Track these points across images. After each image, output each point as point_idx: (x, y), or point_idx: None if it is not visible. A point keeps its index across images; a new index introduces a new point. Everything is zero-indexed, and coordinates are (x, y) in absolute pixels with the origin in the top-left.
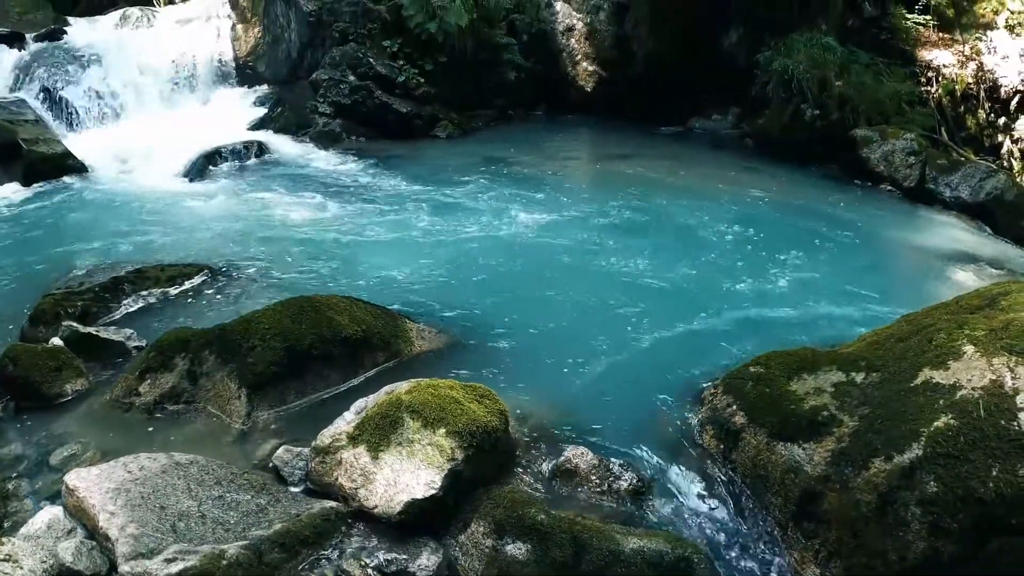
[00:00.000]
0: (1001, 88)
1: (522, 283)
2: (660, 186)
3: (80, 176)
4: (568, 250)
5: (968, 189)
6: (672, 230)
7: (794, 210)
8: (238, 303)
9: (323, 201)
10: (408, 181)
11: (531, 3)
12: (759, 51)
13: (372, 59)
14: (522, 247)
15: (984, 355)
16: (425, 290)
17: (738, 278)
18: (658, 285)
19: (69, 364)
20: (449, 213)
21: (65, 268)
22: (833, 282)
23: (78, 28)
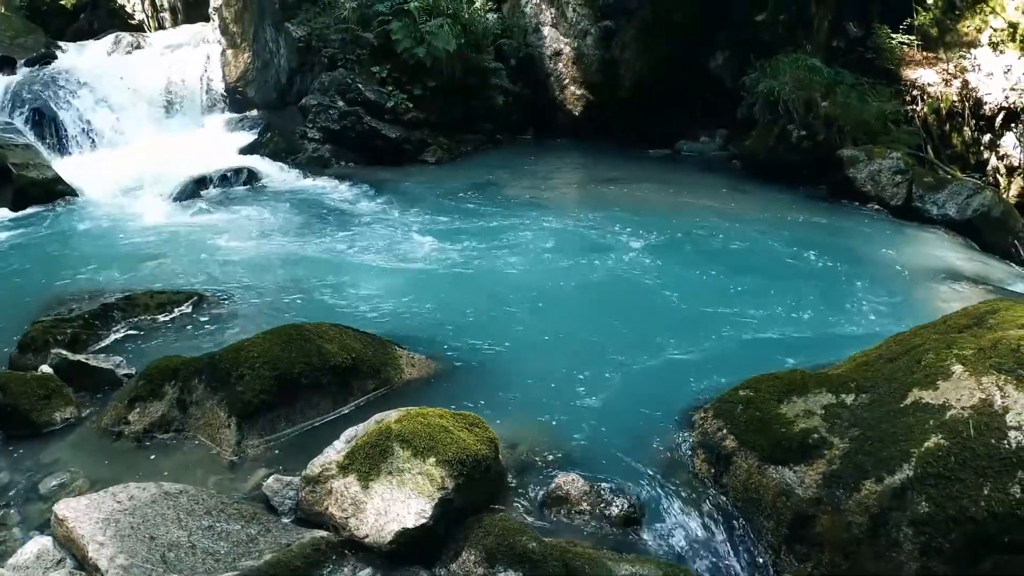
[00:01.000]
0: (986, 105)
1: (511, 309)
2: (648, 211)
3: (70, 201)
4: (557, 275)
5: (955, 206)
6: (660, 254)
7: (782, 232)
8: (228, 330)
9: (312, 227)
10: (397, 207)
11: (519, 28)
12: (745, 73)
13: (361, 84)
14: (511, 273)
15: (973, 374)
16: (414, 316)
17: (727, 301)
18: (647, 309)
19: (58, 392)
20: (438, 239)
21: (54, 294)
22: (822, 302)
23: (69, 53)
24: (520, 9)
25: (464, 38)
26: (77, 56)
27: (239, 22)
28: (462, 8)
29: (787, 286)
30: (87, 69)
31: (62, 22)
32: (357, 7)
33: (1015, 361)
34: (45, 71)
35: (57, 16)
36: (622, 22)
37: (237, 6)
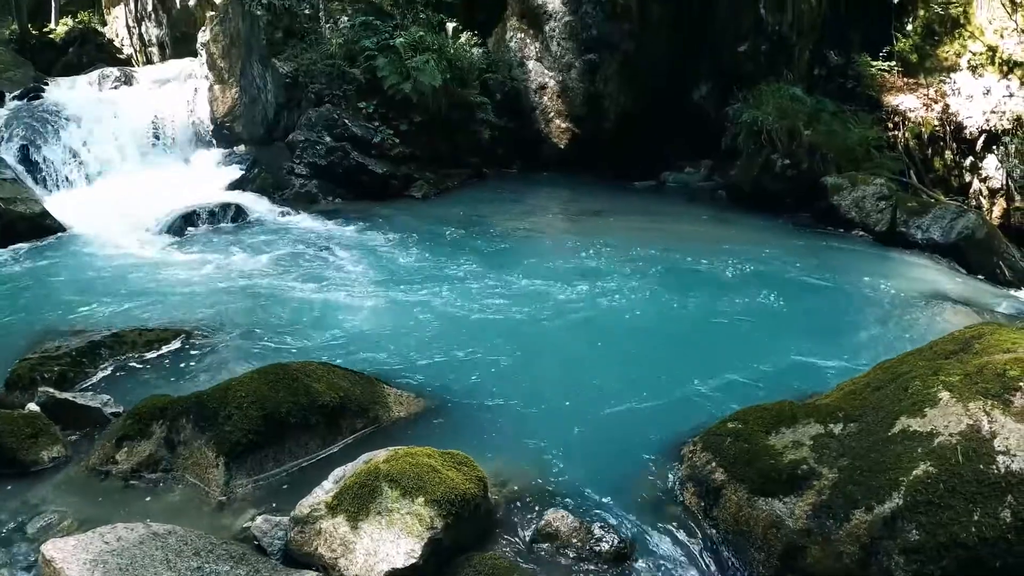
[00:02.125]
0: (966, 129)
1: (498, 346)
2: (635, 243)
3: (58, 236)
4: (544, 311)
5: (939, 230)
6: (646, 288)
7: (768, 261)
8: (215, 368)
9: (300, 263)
10: (384, 243)
11: (504, 62)
12: (728, 104)
13: (348, 120)
14: (498, 309)
15: (960, 400)
16: (402, 353)
17: (714, 332)
18: (634, 343)
19: (46, 431)
20: (424, 275)
21: (42, 331)
22: (809, 331)
23: (57, 87)
24: (505, 44)
25: (450, 73)
26: (66, 90)
27: (226, 57)
28: (447, 43)
29: (774, 315)
30: (75, 103)
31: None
32: (343, 43)
33: (1001, 386)
34: (33, 106)
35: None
36: (606, 56)
37: (224, 42)
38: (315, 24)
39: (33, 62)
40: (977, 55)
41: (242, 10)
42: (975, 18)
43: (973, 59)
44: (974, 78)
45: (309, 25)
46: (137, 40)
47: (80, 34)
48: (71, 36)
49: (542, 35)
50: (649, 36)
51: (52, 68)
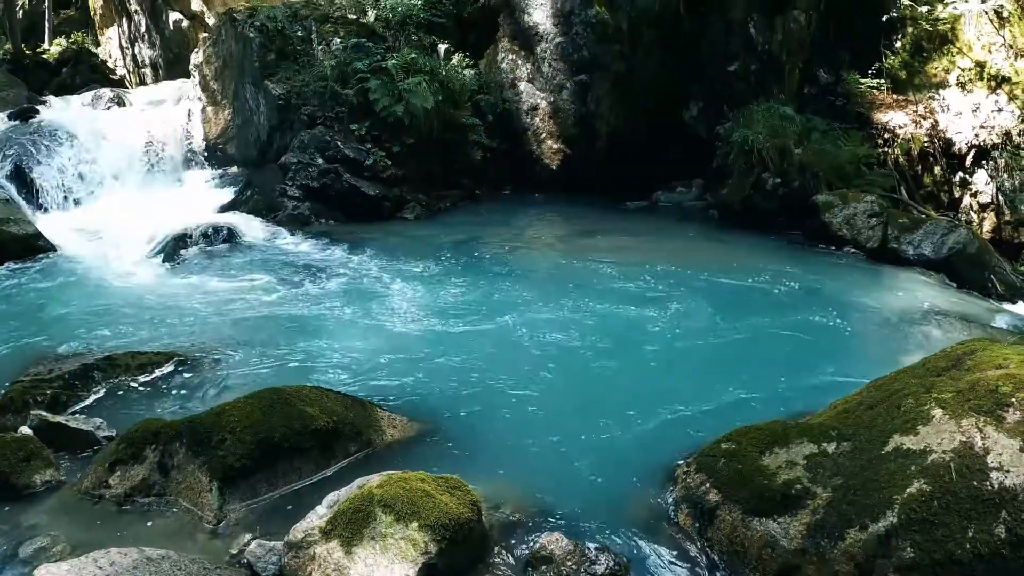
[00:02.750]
0: (956, 144)
1: (491, 368)
2: (627, 264)
3: (50, 257)
4: (537, 332)
5: (931, 246)
6: (639, 308)
7: (760, 280)
8: (209, 391)
9: (293, 286)
10: (377, 265)
11: (495, 83)
12: (719, 123)
13: (340, 142)
14: (491, 331)
15: (953, 417)
16: (395, 377)
17: (707, 352)
18: (627, 364)
19: (38, 454)
20: (417, 298)
21: (34, 353)
22: (802, 349)
23: (51, 107)
24: (496, 65)
25: (441, 95)
26: (59, 111)
27: (219, 79)
28: (439, 65)
29: (767, 334)
30: (69, 124)
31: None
32: (336, 65)
33: (994, 402)
34: (27, 125)
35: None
36: (597, 77)
37: (217, 63)
38: (308, 46)
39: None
40: (966, 71)
41: (235, 32)
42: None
43: (962, 75)
44: (963, 94)
45: (302, 47)
46: (130, 61)
47: (74, 55)
48: (65, 56)
49: (534, 56)
50: (640, 57)
51: (46, 88)
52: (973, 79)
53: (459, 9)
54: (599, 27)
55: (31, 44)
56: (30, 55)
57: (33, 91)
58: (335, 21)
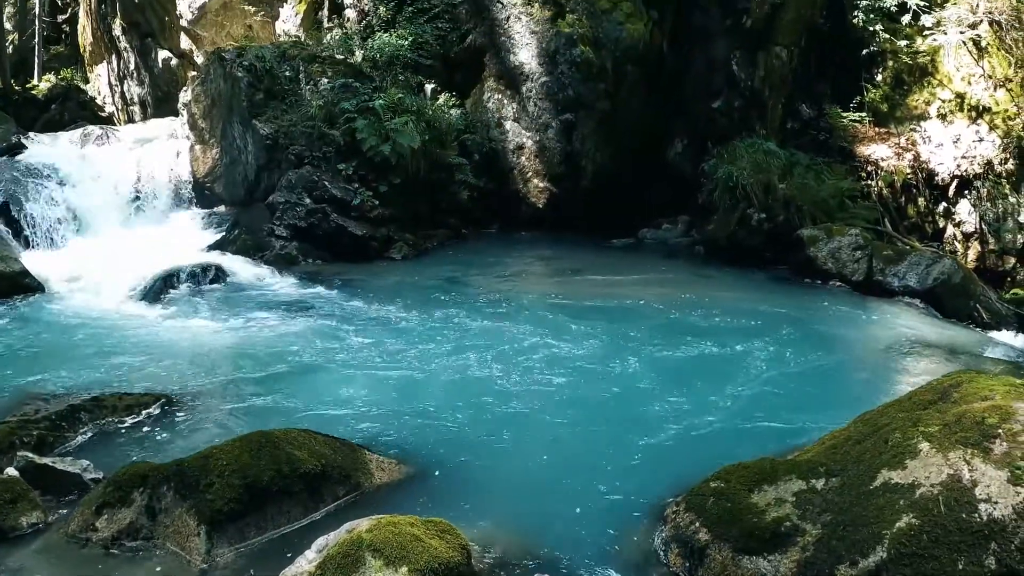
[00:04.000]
0: (938, 175)
1: (480, 410)
2: (614, 301)
3: (36, 295)
4: (525, 374)
5: (915, 277)
6: (626, 347)
7: (747, 316)
8: (196, 434)
9: (280, 326)
10: (364, 305)
11: (482, 123)
12: (703, 160)
13: (327, 182)
14: (479, 372)
15: (940, 451)
16: (384, 418)
17: (695, 390)
18: (615, 404)
19: (24, 496)
20: (405, 338)
21: (20, 394)
22: (790, 384)
23: (39, 144)
24: (483, 104)
25: (428, 135)
26: (47, 147)
27: (207, 118)
28: (426, 105)
29: (754, 370)
30: (57, 161)
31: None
32: (323, 105)
33: (980, 434)
34: (14, 162)
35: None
36: (582, 115)
37: (205, 102)
38: (295, 86)
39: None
40: (946, 102)
41: (223, 71)
42: (943, 66)
43: (942, 106)
44: (944, 125)
45: (290, 87)
46: (119, 98)
47: (63, 91)
48: (54, 93)
49: (519, 96)
50: (625, 95)
51: (34, 124)
52: (954, 110)
53: (445, 49)
54: (584, 66)
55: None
56: (19, 91)
57: (21, 127)
58: (323, 61)
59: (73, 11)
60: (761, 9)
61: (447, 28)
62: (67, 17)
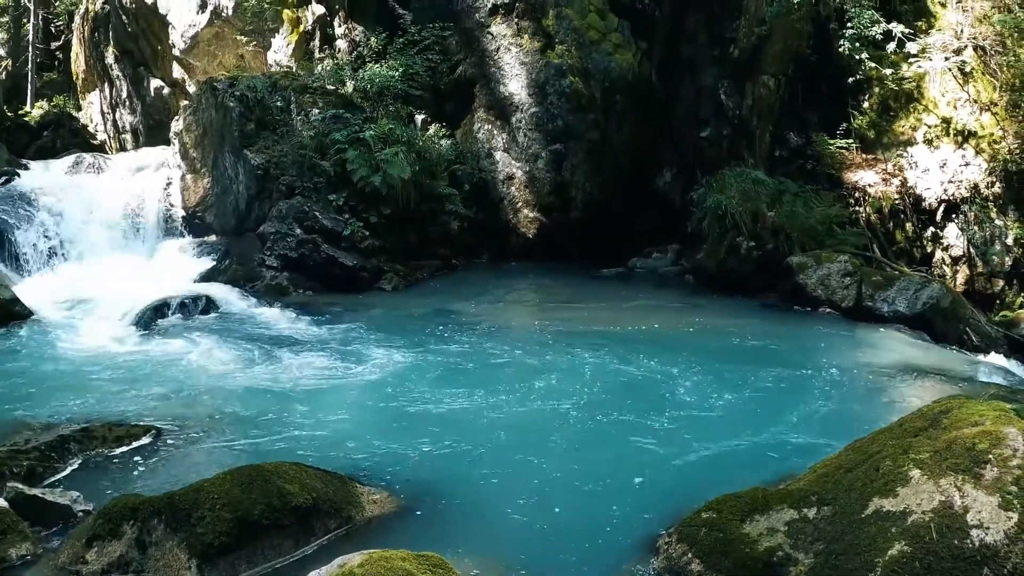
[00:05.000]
0: (925, 200)
1: (470, 441)
2: (604, 332)
3: (27, 323)
4: (516, 405)
5: (905, 302)
6: (617, 377)
7: (737, 344)
8: (186, 465)
9: (271, 358)
10: (355, 338)
11: (472, 153)
12: (692, 189)
13: (318, 213)
14: (470, 404)
15: (931, 477)
16: (375, 450)
17: (687, 420)
18: (606, 434)
19: (14, 528)
20: (395, 370)
21: (10, 423)
22: (781, 412)
23: (31, 171)
24: (473, 135)
25: (419, 165)
26: (39, 175)
27: (199, 147)
28: (416, 136)
29: (746, 399)
30: (48, 188)
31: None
32: (314, 135)
33: (971, 460)
34: (7, 189)
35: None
36: (572, 145)
37: (197, 132)
38: (287, 116)
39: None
40: (932, 128)
41: (215, 101)
42: (928, 92)
43: (929, 132)
44: (930, 150)
45: (281, 117)
46: (111, 126)
47: (55, 118)
48: (46, 120)
49: (509, 126)
50: (614, 125)
51: (27, 151)
52: (940, 135)
53: (436, 80)
54: (573, 97)
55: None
56: (12, 117)
57: (14, 154)
58: (314, 92)
59: (66, 38)
60: (748, 39)
61: (437, 59)
62: (60, 44)
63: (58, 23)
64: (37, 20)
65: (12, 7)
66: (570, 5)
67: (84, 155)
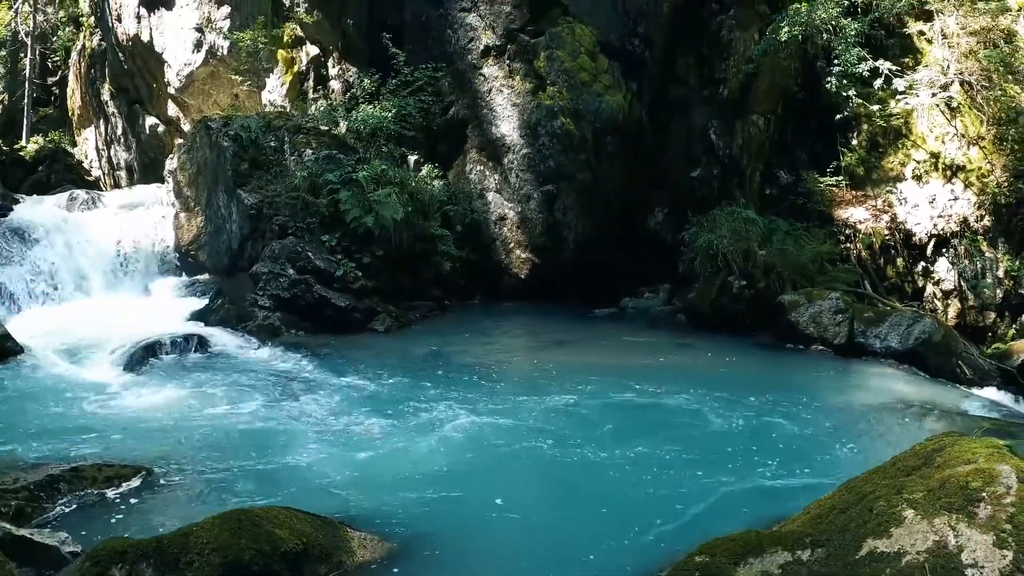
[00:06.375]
0: (915, 235)
1: (462, 485)
2: (597, 373)
3: (18, 360)
4: (508, 448)
5: (897, 337)
6: (610, 419)
7: (730, 385)
8: (176, 508)
9: (262, 399)
10: (347, 378)
11: (464, 194)
12: (684, 229)
13: (311, 253)
14: (461, 448)
15: (925, 517)
16: (366, 494)
17: (680, 461)
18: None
19: (2, 568)
20: (387, 412)
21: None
22: (775, 452)
23: (25, 206)
24: (465, 176)
25: (411, 206)
26: (33, 209)
27: (193, 186)
28: (409, 177)
29: (739, 439)
30: (42, 224)
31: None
32: (307, 176)
33: (965, 498)
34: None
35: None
36: (563, 186)
37: (191, 170)
38: (280, 156)
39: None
40: (921, 163)
41: (209, 140)
42: (916, 127)
43: (917, 167)
44: (919, 186)
45: (274, 157)
46: (106, 163)
47: (50, 153)
48: (41, 155)
49: (501, 167)
50: (605, 166)
51: (21, 185)
52: (929, 170)
53: (428, 121)
54: (564, 138)
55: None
56: (7, 151)
57: (8, 188)
58: (307, 132)
59: (63, 74)
60: (737, 79)
61: (430, 100)
62: (57, 79)
63: (55, 59)
64: (34, 55)
65: (9, 42)
66: (561, 47)
67: (78, 191)
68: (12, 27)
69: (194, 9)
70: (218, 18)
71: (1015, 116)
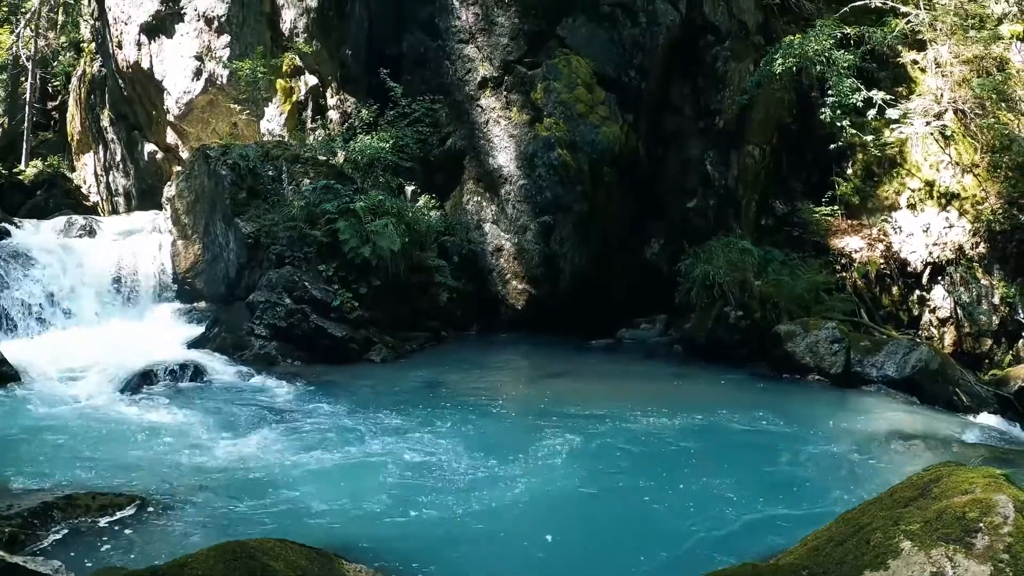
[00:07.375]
0: (911, 264)
1: (459, 518)
2: (594, 405)
3: (13, 385)
4: (505, 480)
5: (894, 366)
6: (608, 451)
7: (727, 415)
8: (170, 538)
9: (258, 428)
10: (344, 409)
11: (461, 225)
12: (680, 259)
13: (308, 283)
14: (459, 479)
15: (922, 548)
16: (361, 526)
17: (675, 493)
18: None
19: None
20: (383, 444)
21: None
22: (772, 484)
23: (23, 230)
24: (462, 207)
25: (408, 237)
26: (31, 234)
27: (190, 214)
28: (406, 207)
29: (736, 471)
30: (39, 249)
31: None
32: (305, 205)
33: (962, 529)
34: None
35: (14, 191)
36: (560, 217)
37: (189, 198)
38: (278, 186)
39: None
40: (916, 191)
41: (207, 168)
42: (911, 156)
43: (912, 196)
44: (914, 214)
45: (272, 187)
46: (104, 188)
47: (49, 178)
48: (40, 179)
49: (498, 198)
50: (602, 197)
51: (19, 210)
52: (923, 198)
53: (426, 152)
54: (561, 169)
55: (8, 164)
56: (6, 175)
57: (6, 212)
58: (305, 162)
59: (63, 99)
60: (732, 110)
61: (427, 131)
62: (57, 104)
63: (55, 83)
64: (35, 80)
65: (10, 66)
66: (558, 79)
67: (76, 217)
68: (13, 51)
69: (194, 38)
70: (218, 47)
71: (1009, 143)
